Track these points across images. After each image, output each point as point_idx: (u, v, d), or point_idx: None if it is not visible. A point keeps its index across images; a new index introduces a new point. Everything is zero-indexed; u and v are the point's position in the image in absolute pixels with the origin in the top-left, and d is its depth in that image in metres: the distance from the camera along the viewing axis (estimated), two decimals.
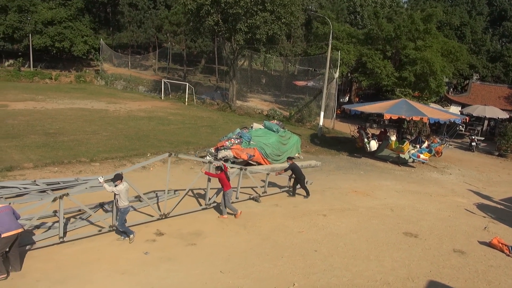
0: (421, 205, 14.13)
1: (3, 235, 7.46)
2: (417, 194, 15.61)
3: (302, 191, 13.92)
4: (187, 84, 37.28)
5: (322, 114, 26.07)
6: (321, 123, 26.06)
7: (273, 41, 32.77)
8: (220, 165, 11.39)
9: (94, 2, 53.69)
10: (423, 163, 20.53)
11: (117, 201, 9.12)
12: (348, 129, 25.05)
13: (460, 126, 31.09)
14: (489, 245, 10.85)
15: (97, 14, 57.16)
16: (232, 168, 12.82)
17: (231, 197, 11.48)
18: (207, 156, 17.44)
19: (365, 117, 31.13)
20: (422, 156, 20.04)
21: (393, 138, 20.80)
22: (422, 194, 15.67)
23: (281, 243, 10.00)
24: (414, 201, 14.63)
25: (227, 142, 16.89)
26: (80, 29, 45.76)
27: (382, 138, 21.74)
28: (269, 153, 17.40)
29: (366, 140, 21.13)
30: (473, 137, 27.13)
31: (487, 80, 40.10)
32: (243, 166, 13.29)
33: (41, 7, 44.56)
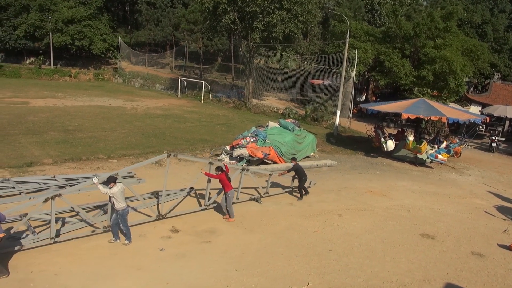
0: (438, 207, 13.89)
1: None
2: (435, 195, 15.35)
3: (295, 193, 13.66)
4: (203, 82, 37.54)
5: (338, 113, 25.87)
6: (337, 122, 25.86)
7: (289, 39, 32.68)
8: (221, 165, 11.05)
9: (113, 1, 54.56)
10: (441, 163, 20.19)
11: (113, 203, 8.85)
12: (364, 128, 24.81)
13: (480, 127, 30.47)
14: (509, 248, 10.58)
15: (115, 12, 58.12)
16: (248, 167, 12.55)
17: (232, 198, 11.15)
18: (222, 154, 17.51)
19: (382, 116, 30.78)
20: (440, 156, 19.70)
21: (410, 138, 20.51)
22: (440, 195, 15.40)
23: (295, 242, 9.97)
24: (432, 202, 14.39)
25: (242, 141, 16.88)
26: (99, 27, 46.51)
27: (399, 138, 21.47)
28: (285, 151, 17.35)
29: (383, 139, 20.91)
30: (494, 138, 26.54)
31: (509, 79, 39.23)
32: (244, 166, 12.96)
33: (61, 5, 45.46)
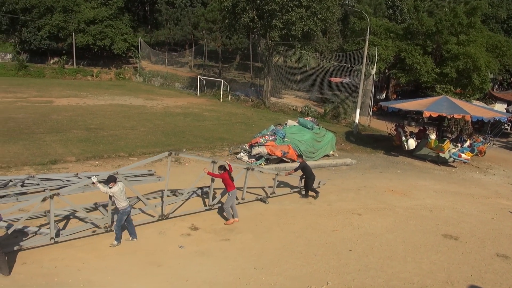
0: (461, 207, 13.55)
1: None
2: (458, 195, 14.99)
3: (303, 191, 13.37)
4: (222, 81, 37.67)
5: (358, 111, 25.57)
6: (356, 120, 25.56)
7: (308, 37, 32.44)
8: (224, 164, 10.83)
9: (134, 1, 55.37)
10: (464, 162, 19.71)
11: (113, 202, 8.84)
12: (384, 126, 24.43)
13: (506, 125, 29.58)
14: None
15: (136, 12, 59.00)
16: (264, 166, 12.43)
17: (234, 199, 10.73)
18: (241, 152, 17.55)
19: (403, 114, 30.27)
20: (463, 155, 19.23)
21: (432, 136, 20.06)
22: (463, 195, 15.03)
23: (314, 241, 9.90)
24: (454, 202, 14.05)
25: (261, 139, 16.85)
26: (120, 27, 47.31)
27: (421, 137, 21.05)
28: (304, 150, 17.27)
29: (404, 138, 20.53)
30: None
31: None
32: (249, 166, 12.64)
33: (84, 6, 46.46)
